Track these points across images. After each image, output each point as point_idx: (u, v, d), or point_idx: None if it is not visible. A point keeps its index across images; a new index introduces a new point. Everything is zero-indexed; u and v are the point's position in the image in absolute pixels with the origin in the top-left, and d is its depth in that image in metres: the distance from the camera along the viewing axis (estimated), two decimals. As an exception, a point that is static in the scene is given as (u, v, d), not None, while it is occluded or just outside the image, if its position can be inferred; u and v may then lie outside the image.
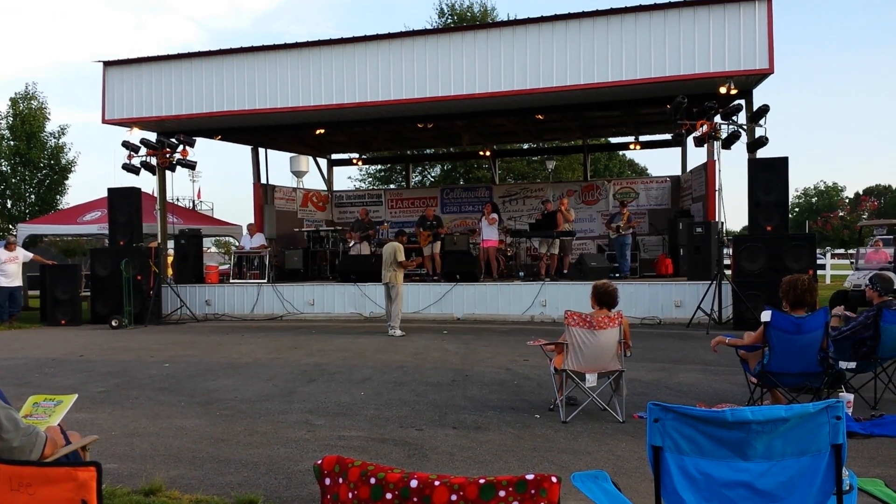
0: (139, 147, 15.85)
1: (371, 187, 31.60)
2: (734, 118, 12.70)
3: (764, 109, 12.78)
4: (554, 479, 1.95)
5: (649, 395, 7.05)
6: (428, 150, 26.73)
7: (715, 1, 12.98)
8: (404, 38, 14.94)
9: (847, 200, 61.97)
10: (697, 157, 19.41)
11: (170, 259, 18.29)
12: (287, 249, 19.00)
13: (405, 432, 5.86)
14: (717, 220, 13.86)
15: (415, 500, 2.01)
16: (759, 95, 16.65)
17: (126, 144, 15.78)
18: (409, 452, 5.29)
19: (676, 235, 16.55)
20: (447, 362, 9.38)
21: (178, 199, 26.15)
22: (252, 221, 19.10)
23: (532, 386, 7.71)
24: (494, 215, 16.23)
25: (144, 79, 16.30)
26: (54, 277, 15.64)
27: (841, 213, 49.38)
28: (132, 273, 14.78)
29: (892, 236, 18.31)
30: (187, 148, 15.99)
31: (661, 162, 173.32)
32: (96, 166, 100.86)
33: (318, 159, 24.04)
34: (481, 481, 1.99)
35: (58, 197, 25.05)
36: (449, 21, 30.10)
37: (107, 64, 16.51)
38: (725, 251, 14.32)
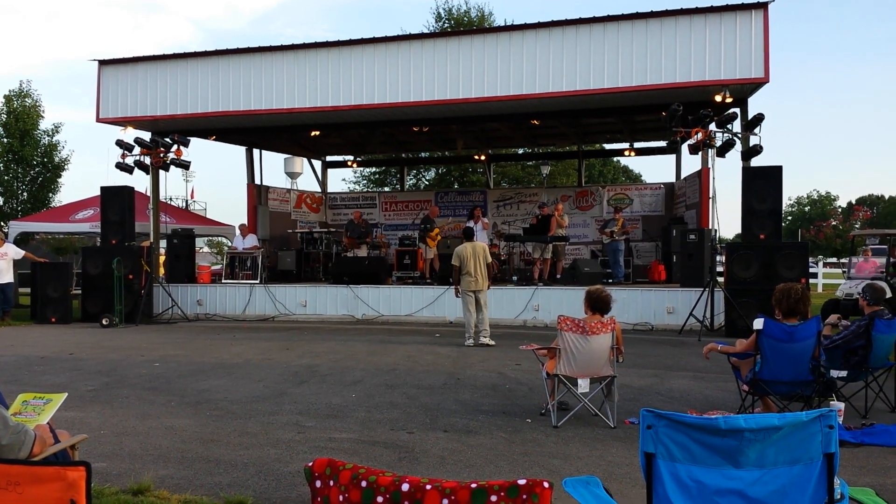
0: (133, 146, 15.81)
1: (365, 190, 31.59)
2: (729, 126, 12.75)
3: (759, 118, 12.84)
4: (546, 485, 1.95)
5: (641, 401, 7.06)
6: (423, 154, 26.74)
7: (711, 10, 13.03)
8: (400, 42, 14.95)
9: (840, 210, 62.21)
10: (692, 164, 19.46)
11: (162, 258, 18.24)
12: (280, 250, 18.95)
13: (396, 435, 5.85)
14: (710, 227, 13.91)
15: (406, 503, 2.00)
16: (754, 104, 16.72)
17: (120, 143, 15.73)
18: (400, 455, 5.28)
19: (670, 242, 16.60)
20: (439, 365, 9.37)
21: (171, 199, 26.10)
22: (245, 222, 19.06)
23: (524, 390, 7.70)
24: (487, 220, 16.26)
25: (139, 78, 16.26)
26: (45, 275, 15.56)
27: (834, 223, 49.52)
28: (124, 272, 14.71)
29: (884, 246, 18.40)
30: (181, 148, 15.96)
31: (655, 168, 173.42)
32: (89, 165, 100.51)
33: (313, 161, 24.00)
34: (473, 486, 1.98)
35: (50, 195, 25.03)
36: (446, 25, 30.11)
37: (102, 63, 16.47)
38: (718, 258, 14.36)
